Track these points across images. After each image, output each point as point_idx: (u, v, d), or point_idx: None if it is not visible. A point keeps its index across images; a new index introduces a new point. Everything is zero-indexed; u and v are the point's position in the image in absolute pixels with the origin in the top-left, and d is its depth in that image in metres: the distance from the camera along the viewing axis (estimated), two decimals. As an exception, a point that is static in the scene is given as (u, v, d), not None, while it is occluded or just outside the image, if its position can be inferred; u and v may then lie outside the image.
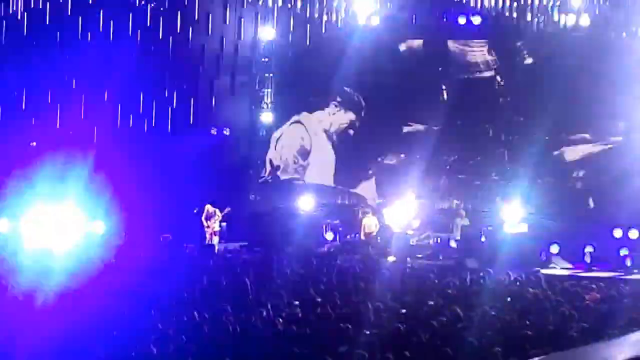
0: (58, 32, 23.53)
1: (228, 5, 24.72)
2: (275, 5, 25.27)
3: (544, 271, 20.03)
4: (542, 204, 25.04)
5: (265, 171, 28.44)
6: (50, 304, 13.62)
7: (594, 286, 16.43)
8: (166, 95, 24.70)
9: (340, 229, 25.68)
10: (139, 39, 23.89)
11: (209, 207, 24.34)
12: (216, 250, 23.33)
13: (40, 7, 22.39)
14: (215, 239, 24.21)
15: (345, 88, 27.62)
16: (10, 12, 23.73)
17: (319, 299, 14.50)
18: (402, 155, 27.38)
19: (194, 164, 26.02)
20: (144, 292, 14.94)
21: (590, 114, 25.50)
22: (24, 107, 23.78)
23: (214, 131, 26.59)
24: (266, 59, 28.05)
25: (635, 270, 20.89)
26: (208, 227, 24.23)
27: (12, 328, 11.81)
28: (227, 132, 26.94)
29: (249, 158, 28.46)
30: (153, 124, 25.56)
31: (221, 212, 24.37)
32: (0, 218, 23.69)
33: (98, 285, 15.43)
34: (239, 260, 19.79)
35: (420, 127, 27.25)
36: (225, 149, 27.45)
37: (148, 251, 21.22)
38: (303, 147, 28.37)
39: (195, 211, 24.29)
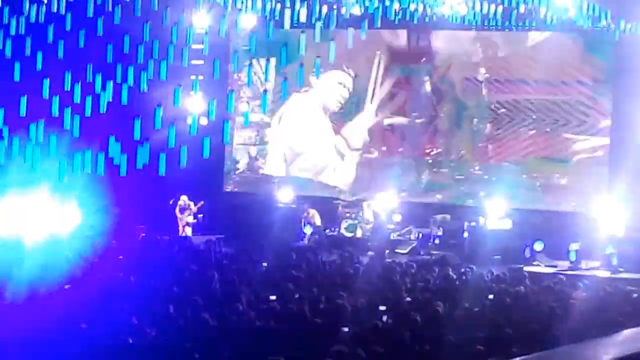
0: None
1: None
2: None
3: (527, 268, 19.84)
4: (527, 199, 24.80)
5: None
6: (20, 296, 13.28)
7: (579, 284, 16.20)
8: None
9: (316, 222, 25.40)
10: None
11: (184, 199, 24.11)
12: (188, 242, 22.98)
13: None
14: (188, 230, 23.99)
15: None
16: None
17: (297, 295, 14.22)
18: (384, 148, 27.08)
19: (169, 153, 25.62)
20: (117, 285, 14.73)
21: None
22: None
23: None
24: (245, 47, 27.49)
25: (621, 269, 20.64)
26: (181, 219, 24.00)
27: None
28: (203, 121, 26.47)
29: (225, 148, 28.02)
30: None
31: (195, 205, 24.12)
32: None
33: (71, 278, 15.14)
34: (213, 252, 19.40)
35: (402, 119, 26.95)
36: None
37: (122, 243, 20.87)
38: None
39: (171, 202, 24.06)
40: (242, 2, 20.72)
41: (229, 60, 23.70)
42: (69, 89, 16.12)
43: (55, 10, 17.59)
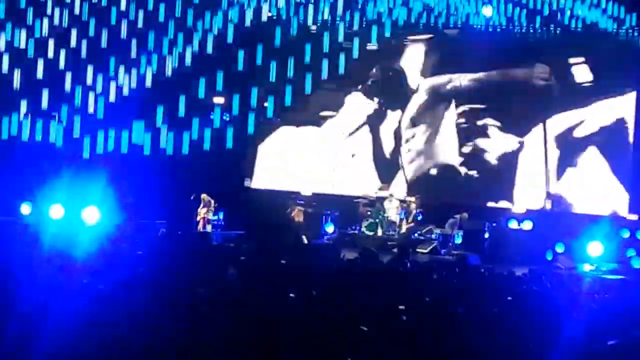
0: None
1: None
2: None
3: (547, 270, 19.74)
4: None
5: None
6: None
7: (599, 286, 16.10)
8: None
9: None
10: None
11: (204, 197, 24.15)
12: (209, 238, 23.01)
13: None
14: (209, 227, 24.02)
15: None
16: None
17: (315, 292, 14.17)
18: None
19: (191, 149, 25.80)
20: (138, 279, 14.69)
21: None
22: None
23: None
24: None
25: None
26: (202, 216, 24.05)
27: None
28: (227, 117, 26.58)
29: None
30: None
31: (215, 202, 24.18)
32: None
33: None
34: (233, 249, 19.39)
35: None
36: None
37: (142, 238, 20.88)
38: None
39: (192, 197, 24.09)
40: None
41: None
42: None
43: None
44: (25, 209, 24.83)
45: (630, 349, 7.59)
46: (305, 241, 23.03)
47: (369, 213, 24.96)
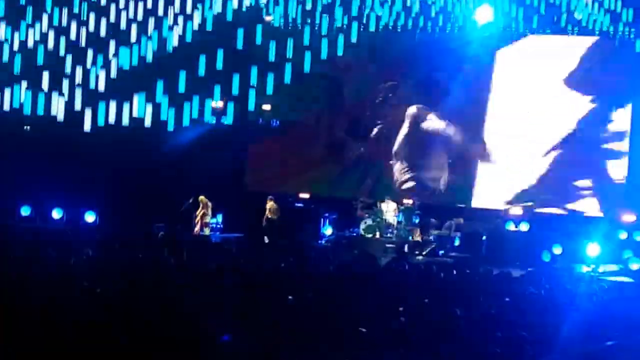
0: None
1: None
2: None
3: (545, 271, 19.77)
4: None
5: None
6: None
7: (596, 288, 16.15)
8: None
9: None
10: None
11: (202, 199, 24.18)
12: (207, 241, 23.08)
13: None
14: (207, 230, 24.05)
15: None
16: None
17: (313, 294, 14.21)
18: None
19: (189, 152, 25.89)
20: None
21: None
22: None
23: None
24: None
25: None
26: (199, 218, 24.08)
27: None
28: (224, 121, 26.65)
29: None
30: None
31: (213, 204, 24.24)
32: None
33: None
34: (231, 252, 19.43)
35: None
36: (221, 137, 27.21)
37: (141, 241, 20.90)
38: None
39: (190, 201, 24.11)
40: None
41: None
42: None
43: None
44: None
45: (628, 351, 7.65)
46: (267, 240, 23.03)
47: (367, 216, 25.01)
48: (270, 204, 24.83)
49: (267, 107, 27.84)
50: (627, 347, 7.09)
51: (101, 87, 20.45)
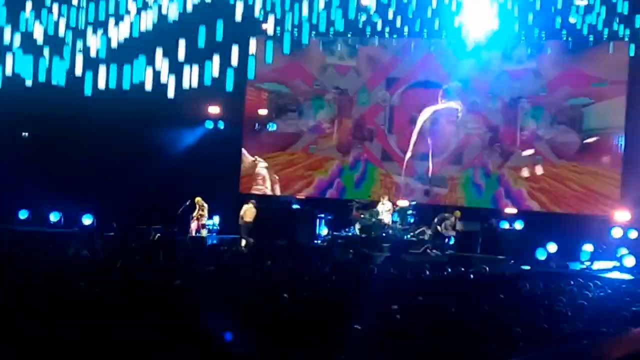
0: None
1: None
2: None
3: (539, 269, 19.89)
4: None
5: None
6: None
7: (591, 285, 16.23)
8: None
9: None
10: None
11: (198, 200, 24.22)
12: (203, 243, 23.16)
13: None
14: (204, 232, 24.11)
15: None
16: None
17: (309, 293, 14.30)
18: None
19: (185, 154, 26.04)
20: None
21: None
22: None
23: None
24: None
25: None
26: (196, 220, 24.13)
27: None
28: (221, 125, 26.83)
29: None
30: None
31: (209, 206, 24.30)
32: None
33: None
34: (227, 253, 19.52)
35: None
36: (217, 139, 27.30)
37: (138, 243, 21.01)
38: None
39: (187, 203, 24.13)
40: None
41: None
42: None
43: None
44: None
45: (619, 345, 7.71)
46: (244, 245, 22.99)
47: (362, 216, 25.08)
48: (247, 207, 24.57)
49: (263, 111, 27.94)
50: (618, 341, 7.15)
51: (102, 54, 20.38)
